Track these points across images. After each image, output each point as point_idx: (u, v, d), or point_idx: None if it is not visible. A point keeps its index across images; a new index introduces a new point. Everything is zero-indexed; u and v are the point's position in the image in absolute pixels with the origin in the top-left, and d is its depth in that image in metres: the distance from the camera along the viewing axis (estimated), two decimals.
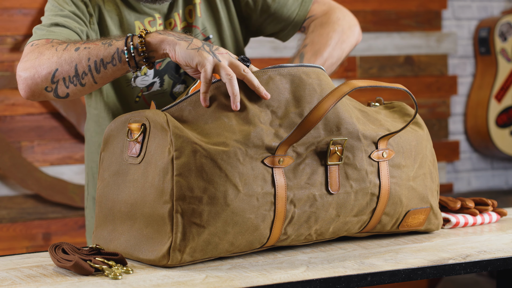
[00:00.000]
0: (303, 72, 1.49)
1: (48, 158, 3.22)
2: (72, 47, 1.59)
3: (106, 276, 1.32)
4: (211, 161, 1.36)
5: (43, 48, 1.62)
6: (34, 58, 1.61)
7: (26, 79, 1.62)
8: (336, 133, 1.48)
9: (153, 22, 1.80)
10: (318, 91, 1.48)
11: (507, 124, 4.01)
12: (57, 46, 1.60)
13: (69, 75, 1.59)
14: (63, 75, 1.59)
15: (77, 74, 1.59)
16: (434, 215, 1.64)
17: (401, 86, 1.46)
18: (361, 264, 1.42)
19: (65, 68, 1.58)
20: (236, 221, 1.38)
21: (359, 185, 1.50)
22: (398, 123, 1.61)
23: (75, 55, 1.57)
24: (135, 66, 1.56)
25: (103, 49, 1.56)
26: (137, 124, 1.42)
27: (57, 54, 1.59)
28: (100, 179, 1.48)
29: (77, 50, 1.58)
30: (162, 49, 1.53)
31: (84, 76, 1.58)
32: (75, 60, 1.58)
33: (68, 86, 1.60)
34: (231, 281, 1.30)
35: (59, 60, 1.58)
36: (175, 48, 1.51)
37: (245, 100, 1.45)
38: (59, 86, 1.61)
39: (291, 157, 1.43)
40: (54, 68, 1.59)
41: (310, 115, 1.38)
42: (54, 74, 1.59)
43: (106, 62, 1.56)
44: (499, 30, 3.96)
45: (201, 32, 1.84)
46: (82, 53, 1.57)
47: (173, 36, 1.53)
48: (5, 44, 3.13)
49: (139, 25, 1.78)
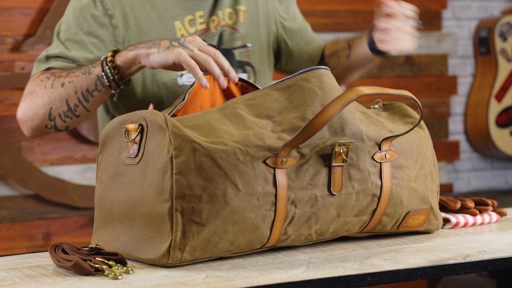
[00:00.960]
0: (301, 79, 1.49)
1: (48, 158, 3.22)
2: (57, 83, 1.68)
3: (106, 276, 1.32)
4: (210, 159, 1.36)
5: (34, 86, 1.72)
6: (29, 100, 1.72)
7: (27, 122, 1.74)
8: (340, 134, 1.47)
9: (193, 22, 1.82)
10: (320, 94, 1.48)
11: (507, 124, 4.02)
12: (46, 83, 1.70)
13: (63, 110, 1.70)
14: (58, 111, 1.70)
15: (70, 108, 1.69)
16: (434, 215, 1.64)
17: (408, 93, 1.46)
18: (361, 264, 1.42)
19: (58, 105, 1.69)
20: (236, 220, 1.38)
21: (361, 186, 1.50)
22: (399, 124, 1.61)
23: (63, 91, 1.67)
24: (116, 87, 1.65)
25: (85, 79, 1.65)
26: (134, 124, 1.42)
27: (47, 93, 1.69)
28: (98, 182, 1.48)
29: (63, 86, 1.66)
30: (137, 64, 1.62)
31: (76, 108, 1.69)
32: (64, 96, 1.67)
33: (64, 120, 1.71)
34: (231, 281, 1.30)
35: (51, 99, 1.69)
36: (149, 58, 1.58)
37: (244, 113, 1.45)
38: (56, 122, 1.72)
39: (294, 157, 1.43)
40: (49, 107, 1.70)
41: (315, 119, 1.38)
42: (50, 113, 1.71)
43: (92, 90, 1.65)
44: (499, 30, 3.96)
45: (241, 38, 1.88)
46: (69, 88, 1.66)
47: (142, 48, 1.60)
48: (5, 44, 3.13)
49: (179, 26, 1.81)
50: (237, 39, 1.87)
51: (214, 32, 1.83)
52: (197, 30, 1.82)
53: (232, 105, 1.47)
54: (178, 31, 1.81)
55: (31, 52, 3.16)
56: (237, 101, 1.48)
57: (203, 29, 1.83)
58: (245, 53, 1.87)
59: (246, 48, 1.88)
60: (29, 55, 3.16)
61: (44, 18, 3.16)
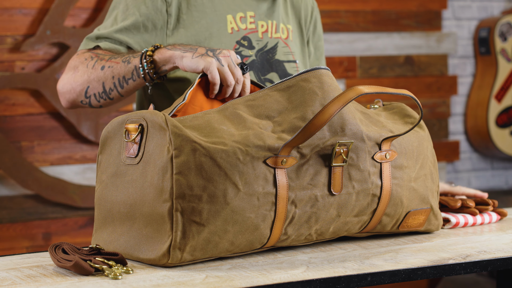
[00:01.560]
0: (301, 79, 1.50)
1: (48, 158, 3.22)
2: (98, 65, 1.78)
3: (106, 276, 1.32)
4: (210, 159, 1.36)
5: (78, 62, 1.83)
6: (70, 75, 1.83)
7: (65, 94, 1.85)
8: (340, 134, 1.47)
9: (243, 19, 1.88)
10: (320, 94, 1.48)
11: (507, 124, 4.01)
12: (88, 63, 1.80)
13: (99, 91, 1.79)
14: (93, 91, 1.80)
15: (105, 91, 1.78)
16: (434, 215, 1.64)
17: (408, 92, 1.46)
18: (361, 264, 1.42)
19: (95, 86, 1.79)
20: (236, 220, 1.38)
21: (361, 186, 1.50)
22: (399, 125, 1.61)
23: (102, 74, 1.78)
24: (151, 80, 1.73)
25: (124, 67, 1.74)
26: (134, 124, 1.42)
27: (87, 72, 1.80)
28: (98, 182, 1.48)
29: (103, 69, 1.77)
30: (171, 63, 1.69)
31: (111, 92, 1.78)
32: (102, 79, 1.77)
33: (99, 100, 1.81)
34: (231, 281, 1.30)
35: (89, 79, 1.79)
36: (182, 61, 1.66)
37: (245, 114, 1.45)
38: (91, 100, 1.82)
39: (294, 157, 1.43)
40: (86, 85, 1.80)
41: (315, 118, 1.38)
42: (86, 91, 1.81)
43: (128, 78, 1.74)
44: (499, 30, 3.96)
45: (292, 54, 1.95)
46: (107, 72, 1.77)
47: (179, 50, 1.68)
48: (5, 44, 3.13)
49: (230, 20, 1.87)
50: (289, 54, 1.94)
51: (260, 38, 1.88)
52: (247, 27, 1.88)
53: (232, 106, 1.47)
54: (229, 24, 1.86)
55: (31, 52, 3.16)
56: (238, 102, 1.48)
57: (252, 29, 1.88)
58: (295, 67, 1.95)
59: (295, 64, 1.95)
60: (29, 55, 3.16)
61: (44, 18, 3.16)
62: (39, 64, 3.18)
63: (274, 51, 1.90)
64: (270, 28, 1.91)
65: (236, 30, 1.86)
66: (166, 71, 1.72)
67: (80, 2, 3.21)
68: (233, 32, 1.85)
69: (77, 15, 3.22)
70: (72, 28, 3.19)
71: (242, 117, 1.45)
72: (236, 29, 1.86)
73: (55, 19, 3.15)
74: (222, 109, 1.47)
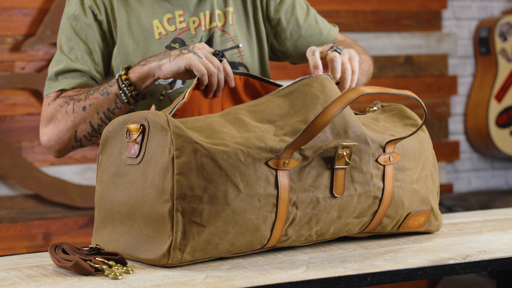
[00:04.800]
0: (303, 84, 1.50)
1: (48, 158, 3.22)
2: (78, 107, 1.76)
3: (106, 276, 1.32)
4: (211, 160, 1.36)
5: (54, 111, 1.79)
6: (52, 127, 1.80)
7: (54, 146, 1.81)
8: (343, 136, 1.47)
9: (172, 21, 1.84)
10: (322, 98, 1.48)
11: (507, 124, 4.01)
12: (66, 108, 1.78)
13: (88, 131, 1.77)
14: (83, 133, 1.78)
15: (94, 129, 1.77)
16: (434, 216, 1.64)
17: (410, 93, 1.45)
18: (361, 264, 1.42)
19: (82, 128, 1.77)
20: (236, 221, 1.38)
21: (363, 188, 1.50)
22: (399, 127, 1.61)
23: (85, 114, 1.75)
24: (135, 102, 1.73)
25: (105, 99, 1.73)
26: (136, 124, 1.42)
27: (69, 118, 1.77)
28: (99, 181, 1.48)
29: (85, 109, 1.75)
30: (151, 77, 1.69)
31: (99, 127, 1.77)
32: (87, 119, 1.75)
33: (90, 139, 1.80)
34: (231, 281, 1.30)
35: (74, 123, 1.77)
36: (161, 69, 1.66)
37: (247, 118, 1.45)
38: (83, 142, 1.80)
39: (296, 159, 1.43)
40: (73, 131, 1.78)
41: (316, 119, 1.38)
42: (75, 136, 1.78)
43: (112, 108, 1.73)
44: (499, 30, 3.96)
45: (232, 39, 1.89)
46: (91, 110, 1.75)
47: (154, 61, 1.68)
48: (5, 44, 3.13)
49: (157, 25, 1.83)
50: (228, 41, 1.88)
51: (194, 34, 1.84)
52: (177, 28, 1.84)
53: (235, 111, 1.47)
54: (156, 30, 1.83)
55: (31, 52, 3.16)
56: (240, 107, 1.48)
57: (183, 28, 1.84)
58: (237, 53, 1.88)
59: (238, 49, 1.89)
60: (29, 55, 3.16)
61: (44, 18, 3.16)
62: (39, 64, 3.18)
63: (210, 43, 1.85)
64: (203, 21, 1.86)
65: (164, 34, 1.82)
66: (147, 87, 1.71)
67: None
68: (161, 37, 1.82)
69: None
70: None
71: (244, 121, 1.45)
72: (164, 33, 1.83)
73: (55, 19, 3.16)
74: (224, 114, 1.47)
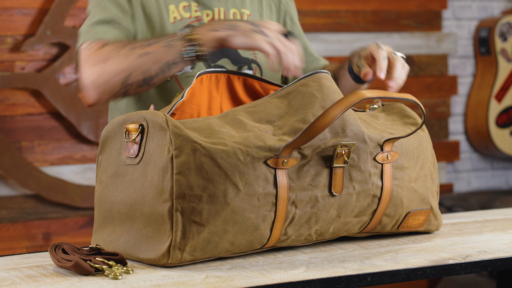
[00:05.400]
0: (300, 84, 1.50)
1: (48, 158, 3.22)
2: (133, 53, 1.70)
3: (106, 276, 1.32)
4: (210, 159, 1.36)
5: (104, 53, 1.73)
6: (101, 65, 1.72)
7: (98, 87, 1.73)
8: (342, 135, 1.47)
9: (187, 8, 1.86)
10: (319, 96, 1.48)
11: (507, 124, 4.02)
12: (120, 51, 1.71)
13: (138, 79, 1.71)
14: (133, 79, 1.71)
15: (145, 78, 1.71)
16: (434, 216, 1.65)
17: (411, 97, 1.46)
18: (361, 264, 1.42)
19: (135, 74, 1.70)
20: (236, 220, 1.38)
21: (362, 186, 1.50)
22: (398, 126, 1.61)
23: (141, 62, 1.70)
24: (194, 62, 1.69)
25: (165, 52, 1.68)
26: (135, 124, 1.42)
27: (123, 61, 1.71)
28: (98, 182, 1.48)
29: (141, 56, 1.70)
30: (221, 44, 1.67)
31: (152, 78, 1.71)
32: (142, 67, 1.70)
33: (137, 89, 1.73)
34: (231, 281, 1.30)
35: (127, 67, 1.70)
36: (235, 40, 1.65)
37: (245, 119, 1.45)
38: (129, 89, 1.73)
39: (295, 158, 1.43)
40: (125, 75, 1.71)
41: (317, 121, 1.38)
42: (125, 80, 1.71)
43: (171, 63, 1.69)
44: (499, 30, 3.96)
45: None
46: (147, 60, 1.70)
47: (224, 29, 1.66)
48: (5, 44, 3.13)
49: (173, 9, 1.84)
50: None
51: None
52: (191, 16, 1.86)
53: (233, 113, 1.47)
54: (172, 14, 1.84)
55: (31, 52, 3.16)
56: (238, 109, 1.49)
57: (198, 17, 1.86)
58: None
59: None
60: (29, 55, 3.16)
61: (44, 18, 3.16)
62: (39, 64, 3.18)
63: None
64: (218, 16, 1.88)
65: (179, 19, 1.84)
66: (212, 51, 1.70)
67: (80, 2, 3.21)
68: (176, 21, 1.84)
69: (77, 15, 3.22)
70: (72, 28, 3.19)
71: (242, 122, 1.45)
72: (179, 18, 1.85)
73: (55, 19, 3.15)
74: (222, 115, 1.47)
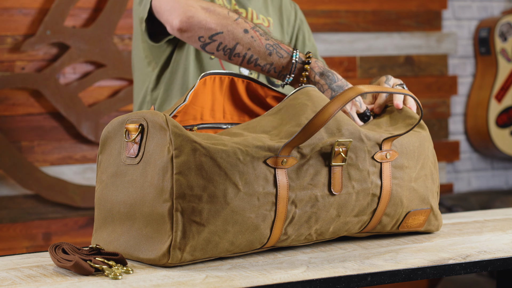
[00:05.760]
0: (289, 99, 1.54)
1: (48, 158, 3.22)
2: (241, 26, 1.69)
3: (106, 276, 1.32)
4: (210, 159, 1.36)
5: (216, 7, 1.71)
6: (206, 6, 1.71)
7: (192, 17, 1.70)
8: (338, 134, 1.48)
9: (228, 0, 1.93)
10: (310, 104, 1.51)
11: (507, 124, 4.01)
12: (229, 13, 1.71)
13: (226, 45, 1.69)
14: (221, 40, 1.69)
15: (232, 51, 1.69)
16: (434, 216, 1.65)
17: (408, 92, 1.47)
18: (361, 264, 1.42)
19: (227, 39, 1.69)
20: (236, 220, 1.38)
21: (361, 185, 1.50)
22: (401, 129, 1.61)
23: (241, 36, 1.69)
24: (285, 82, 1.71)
25: (263, 52, 1.69)
26: (135, 124, 1.42)
27: (227, 21, 1.69)
28: (98, 182, 1.48)
29: (245, 32, 1.69)
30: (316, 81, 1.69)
31: (235, 55, 1.69)
32: (238, 40, 1.69)
33: (219, 51, 1.70)
34: (231, 281, 1.30)
35: (227, 29, 1.69)
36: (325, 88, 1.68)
37: (240, 130, 1.47)
38: (211, 45, 1.70)
39: (294, 158, 1.44)
40: (220, 30, 1.69)
41: (315, 118, 1.38)
42: (216, 34, 1.70)
43: (258, 63, 1.70)
44: (499, 30, 3.96)
45: None
46: (247, 39, 1.69)
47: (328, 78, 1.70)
48: (5, 44, 3.13)
49: None
50: None
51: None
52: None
53: (228, 130, 1.49)
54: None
55: (31, 52, 3.16)
56: (232, 128, 1.51)
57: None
58: None
59: None
60: (29, 55, 3.16)
61: (44, 18, 3.16)
62: (39, 64, 3.18)
63: None
64: (250, 15, 1.92)
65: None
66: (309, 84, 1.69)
67: (80, 2, 3.21)
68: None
69: (77, 15, 3.22)
70: (72, 28, 3.19)
71: (238, 133, 1.46)
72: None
73: (55, 19, 3.15)
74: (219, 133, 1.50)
